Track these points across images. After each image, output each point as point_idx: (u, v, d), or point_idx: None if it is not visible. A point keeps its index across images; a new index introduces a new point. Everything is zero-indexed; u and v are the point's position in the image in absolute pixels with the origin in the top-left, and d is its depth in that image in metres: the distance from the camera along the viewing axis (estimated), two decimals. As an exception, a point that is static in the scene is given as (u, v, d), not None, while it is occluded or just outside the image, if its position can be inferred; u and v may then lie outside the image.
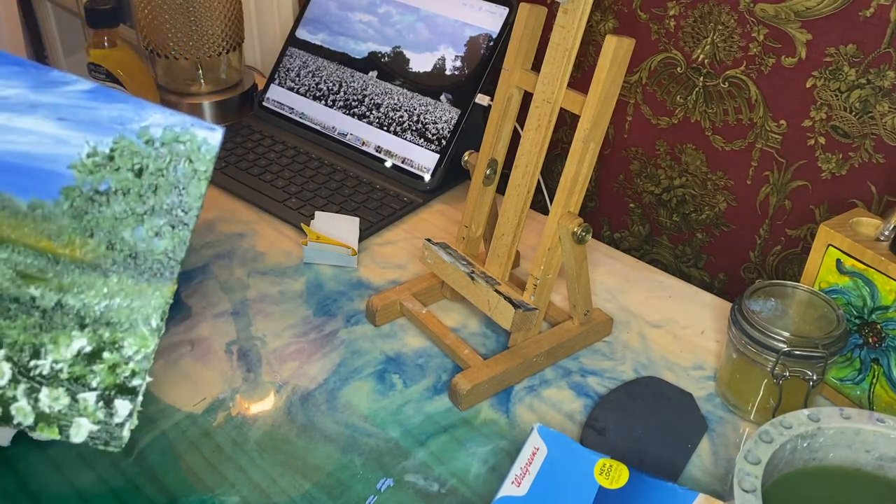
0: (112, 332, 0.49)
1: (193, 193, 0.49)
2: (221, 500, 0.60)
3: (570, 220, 0.67)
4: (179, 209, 0.49)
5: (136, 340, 0.49)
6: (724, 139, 0.87)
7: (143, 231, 0.49)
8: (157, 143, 0.49)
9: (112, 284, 0.49)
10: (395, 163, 0.98)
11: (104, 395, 0.49)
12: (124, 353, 0.49)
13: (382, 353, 0.74)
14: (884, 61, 0.74)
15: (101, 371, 0.49)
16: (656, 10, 0.87)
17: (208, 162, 0.50)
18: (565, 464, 0.57)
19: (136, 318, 0.49)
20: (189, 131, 0.49)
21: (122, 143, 0.49)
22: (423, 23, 0.99)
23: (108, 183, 0.49)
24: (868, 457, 0.50)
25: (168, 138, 0.49)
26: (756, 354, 0.65)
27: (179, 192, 0.49)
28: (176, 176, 0.49)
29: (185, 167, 0.49)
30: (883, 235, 0.66)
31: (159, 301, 0.50)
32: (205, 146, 0.49)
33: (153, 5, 1.03)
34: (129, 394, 0.49)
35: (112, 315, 0.49)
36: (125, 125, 0.49)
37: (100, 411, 0.49)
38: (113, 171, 0.49)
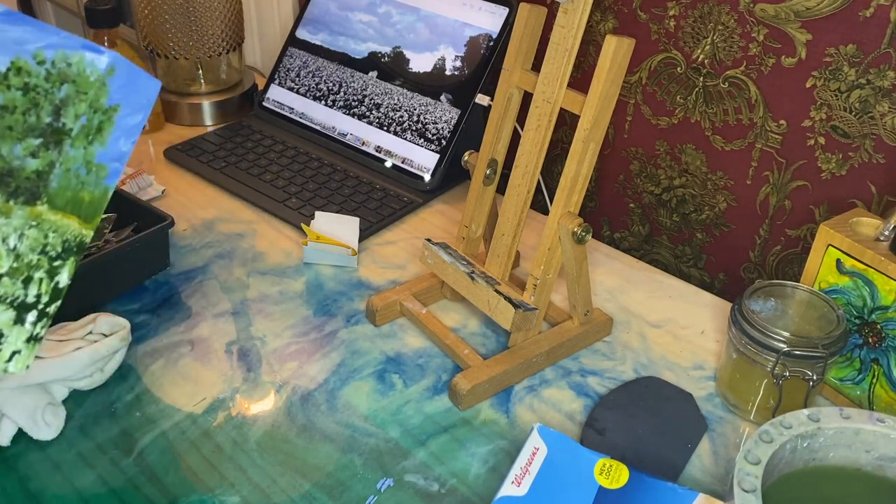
0: None
1: (71, 114, 0.50)
2: (221, 500, 0.60)
3: (570, 220, 0.67)
4: (56, 130, 0.50)
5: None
6: (724, 139, 0.87)
7: (20, 149, 0.49)
8: (47, 63, 0.50)
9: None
10: (395, 163, 0.98)
11: None
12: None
13: (382, 353, 0.74)
14: (884, 61, 0.74)
15: None
16: (656, 10, 0.87)
17: (91, 84, 0.50)
18: (565, 464, 0.57)
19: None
20: (78, 53, 0.50)
21: (17, 62, 0.50)
22: (423, 23, 0.99)
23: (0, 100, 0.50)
24: (868, 457, 0.50)
25: (58, 59, 0.50)
26: (756, 354, 0.65)
27: (58, 113, 0.50)
28: (58, 97, 0.50)
29: (67, 88, 0.50)
30: (883, 235, 0.66)
31: (20, 221, 0.49)
32: (90, 68, 0.50)
33: (153, 5, 1.03)
34: None
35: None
36: (24, 45, 0.50)
37: None
38: (5, 88, 0.50)
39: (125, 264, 0.78)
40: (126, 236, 0.80)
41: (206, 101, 1.11)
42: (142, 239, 0.78)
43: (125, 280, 0.80)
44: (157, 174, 0.99)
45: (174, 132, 1.10)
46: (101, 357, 0.67)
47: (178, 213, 0.90)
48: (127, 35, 1.31)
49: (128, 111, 0.51)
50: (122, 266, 0.78)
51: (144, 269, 0.82)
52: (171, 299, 0.79)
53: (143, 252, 0.80)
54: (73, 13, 1.67)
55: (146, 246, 0.80)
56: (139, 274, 0.81)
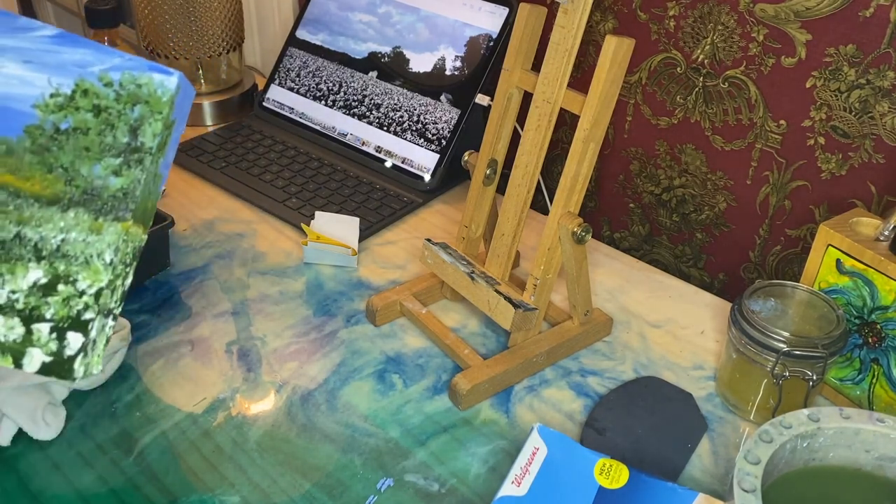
0: (67, 265, 0.51)
1: (149, 133, 0.51)
2: (221, 500, 0.60)
3: (570, 220, 0.67)
4: (135, 149, 0.51)
5: (90, 274, 0.51)
6: (723, 139, 0.87)
7: (100, 169, 0.51)
8: (115, 86, 0.51)
9: (69, 219, 0.51)
10: (395, 163, 0.98)
11: (57, 327, 0.51)
12: (78, 286, 0.51)
13: (382, 353, 0.74)
14: (884, 61, 0.74)
15: (55, 303, 0.51)
16: (656, 10, 0.87)
17: (164, 104, 0.51)
18: (565, 464, 0.57)
19: (90, 252, 0.51)
20: (146, 74, 0.52)
21: (82, 84, 0.51)
22: (423, 23, 0.99)
23: (69, 122, 0.51)
24: (868, 457, 0.50)
25: (126, 81, 0.51)
26: (756, 354, 0.65)
27: (135, 133, 0.51)
28: (132, 116, 0.51)
29: (141, 108, 0.51)
30: (883, 235, 0.66)
31: (114, 237, 0.51)
32: (161, 89, 0.52)
33: (153, 5, 1.03)
34: (82, 327, 0.51)
35: (68, 248, 0.51)
36: (86, 68, 0.51)
37: (52, 343, 0.50)
38: (73, 110, 0.51)
39: (125, 264, 0.78)
40: (126, 236, 0.80)
41: (206, 101, 1.11)
42: (142, 239, 0.78)
43: (125, 280, 0.80)
44: (157, 174, 0.99)
45: (174, 132, 1.10)
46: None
47: (178, 213, 0.90)
48: (127, 35, 1.31)
49: (180, 122, 0.54)
50: (122, 266, 0.78)
51: (144, 269, 0.82)
52: (172, 299, 0.79)
53: (144, 252, 0.79)
54: (73, 13, 1.67)
55: (146, 246, 0.79)
56: (139, 274, 0.81)
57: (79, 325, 0.50)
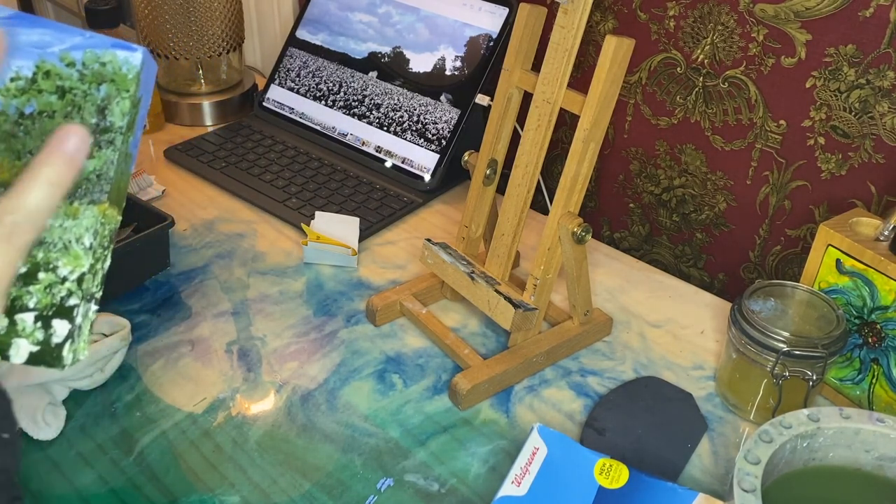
0: (46, 252, 0.49)
1: (117, 112, 0.50)
2: (221, 500, 0.60)
3: (570, 220, 0.67)
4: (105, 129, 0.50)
5: (70, 260, 0.50)
6: (723, 139, 0.87)
7: None
8: (78, 65, 0.50)
9: None
10: (395, 163, 0.98)
11: (42, 316, 0.49)
12: (59, 272, 0.50)
13: (382, 353, 0.74)
14: (883, 61, 0.74)
15: (37, 291, 0.49)
16: (656, 10, 0.87)
17: (130, 81, 0.50)
18: (565, 464, 0.57)
19: (68, 238, 0.50)
20: (109, 52, 0.50)
21: (43, 66, 0.50)
22: (423, 23, 0.99)
23: (33, 106, 0.50)
24: (868, 457, 0.50)
25: (89, 60, 0.50)
26: (756, 354, 0.65)
27: (103, 113, 0.50)
28: (99, 96, 0.50)
29: (107, 87, 0.50)
30: (883, 235, 0.66)
31: (91, 220, 0.50)
32: (126, 66, 0.50)
33: (153, 5, 1.03)
34: (67, 314, 0.50)
35: (45, 235, 0.49)
36: (46, 48, 0.50)
37: (38, 332, 0.49)
38: (36, 93, 0.50)
39: (125, 264, 0.78)
40: (126, 236, 0.80)
41: (206, 101, 1.11)
42: (142, 239, 0.78)
43: (125, 280, 0.80)
44: (158, 174, 0.99)
45: (174, 132, 1.10)
46: (102, 357, 0.67)
47: (178, 213, 0.90)
48: (127, 35, 1.31)
49: (146, 99, 0.53)
50: (122, 266, 0.78)
51: (145, 269, 0.82)
52: (172, 299, 0.79)
53: (144, 252, 0.80)
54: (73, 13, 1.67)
55: (146, 246, 0.80)
56: (139, 274, 0.81)
57: (64, 311, 0.50)
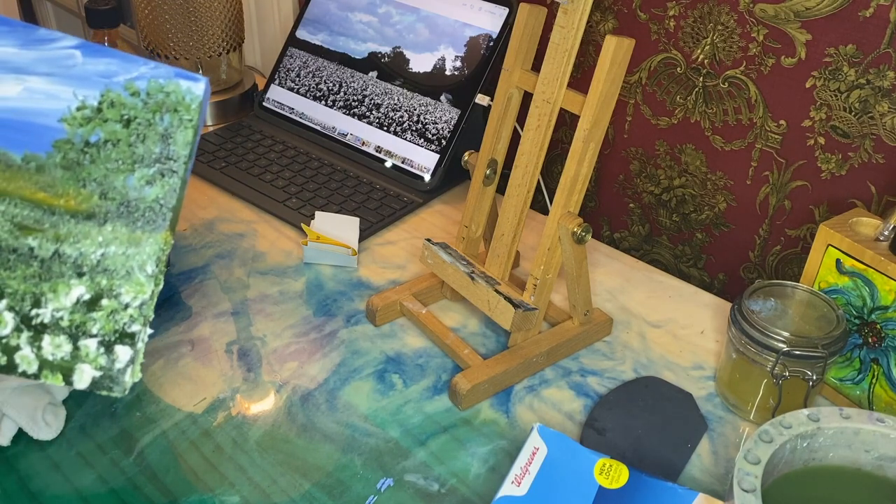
0: (109, 279, 0.50)
1: (181, 142, 0.51)
2: (221, 500, 0.60)
3: (570, 220, 0.67)
4: (168, 158, 0.51)
5: (133, 287, 0.51)
6: (723, 139, 0.87)
7: (135, 180, 0.51)
8: (142, 95, 0.51)
9: (107, 233, 0.51)
10: (395, 163, 0.98)
11: (105, 342, 0.51)
12: (122, 299, 0.51)
13: (382, 353, 0.74)
14: (883, 61, 0.74)
15: (100, 318, 0.50)
16: (656, 10, 0.87)
17: (193, 111, 0.51)
18: (565, 464, 0.58)
19: (131, 265, 0.51)
20: (173, 82, 0.51)
21: (109, 95, 0.51)
22: (423, 23, 0.99)
23: (98, 134, 0.51)
24: (868, 457, 0.50)
25: (153, 89, 0.51)
26: (756, 354, 0.65)
27: (166, 142, 0.51)
28: (163, 125, 0.51)
29: (170, 117, 0.51)
30: (882, 235, 0.66)
31: (153, 248, 0.51)
32: (189, 95, 0.51)
33: (153, 5, 1.03)
34: (129, 339, 0.51)
35: (108, 263, 0.51)
36: (111, 78, 0.51)
37: (101, 357, 0.51)
38: (101, 122, 0.51)
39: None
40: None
41: (206, 101, 1.11)
42: (142, 239, 0.78)
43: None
44: (157, 174, 0.99)
45: (174, 132, 1.10)
46: (102, 357, 0.67)
47: (178, 213, 0.90)
48: (127, 35, 1.31)
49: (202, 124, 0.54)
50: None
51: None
52: (171, 299, 0.79)
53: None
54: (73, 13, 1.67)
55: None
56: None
57: (126, 337, 0.51)
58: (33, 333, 0.50)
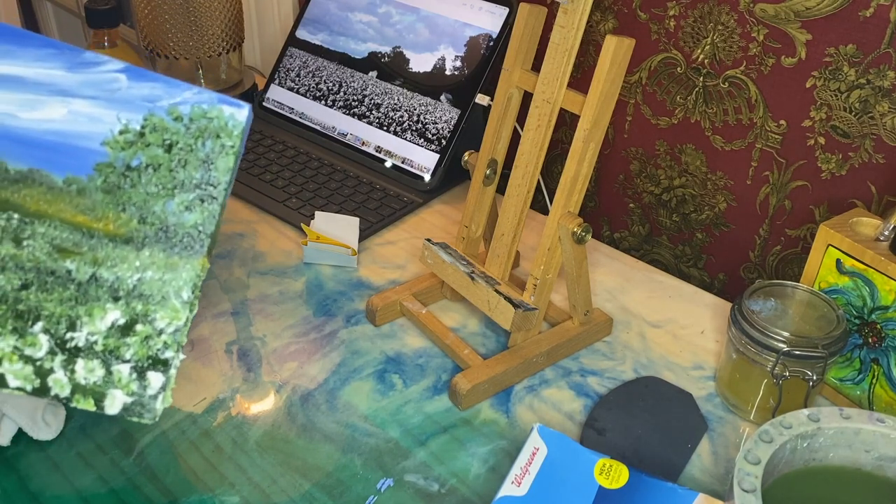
0: (144, 304, 0.50)
1: (221, 168, 0.51)
2: (221, 500, 0.60)
3: (570, 220, 0.67)
4: (208, 184, 0.51)
5: (168, 313, 0.51)
6: (723, 139, 0.87)
7: (174, 205, 0.51)
8: (185, 120, 0.51)
9: (144, 258, 0.50)
10: (395, 163, 0.98)
11: (137, 367, 0.50)
12: (156, 325, 0.50)
13: (382, 353, 0.74)
14: (884, 61, 0.74)
15: (134, 343, 0.50)
16: (656, 10, 0.87)
17: (235, 137, 0.51)
18: (565, 464, 0.58)
19: (167, 290, 0.51)
20: (216, 108, 0.51)
21: (152, 119, 0.51)
22: (423, 23, 0.99)
23: (140, 159, 0.51)
24: (868, 457, 0.50)
25: (196, 115, 0.51)
26: (756, 354, 0.65)
27: (207, 167, 0.51)
28: (204, 151, 0.51)
29: (212, 143, 0.51)
30: (883, 235, 0.66)
31: (190, 274, 0.51)
32: (232, 121, 0.51)
33: (153, 5, 1.03)
34: (162, 366, 0.51)
35: (144, 288, 0.50)
36: (155, 103, 0.51)
37: (133, 383, 0.50)
38: (144, 147, 0.51)
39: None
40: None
41: (206, 101, 1.11)
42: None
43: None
44: (157, 174, 0.99)
45: (174, 132, 1.10)
46: (102, 357, 0.67)
47: (178, 213, 0.90)
48: (127, 35, 1.31)
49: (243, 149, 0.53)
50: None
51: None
52: (171, 299, 0.79)
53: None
54: (73, 13, 1.67)
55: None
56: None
57: (158, 363, 0.50)
58: (67, 357, 0.50)
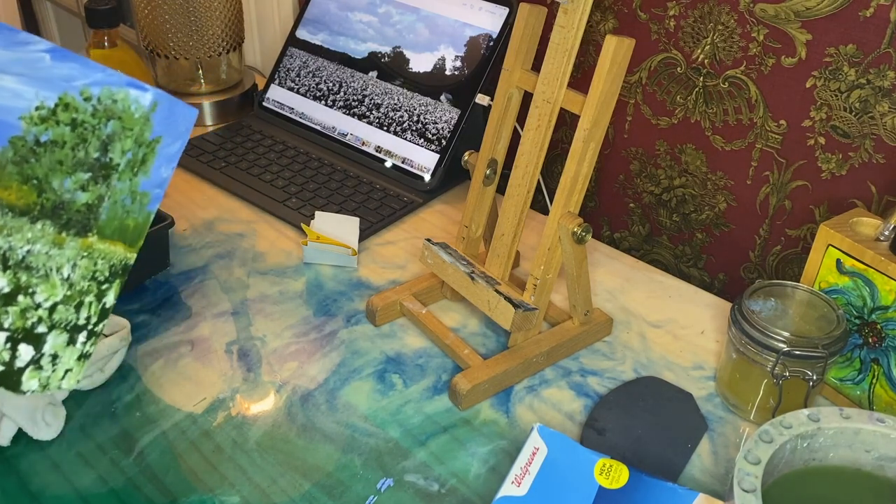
0: (28, 276, 0.51)
1: (117, 150, 0.52)
2: (221, 500, 0.60)
3: (570, 220, 0.67)
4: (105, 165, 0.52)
5: (47, 288, 0.51)
6: (724, 139, 0.87)
7: (70, 183, 0.52)
8: (94, 100, 0.52)
9: (36, 231, 0.51)
10: (395, 163, 0.98)
11: (12, 338, 0.51)
12: (35, 298, 0.51)
13: (382, 353, 0.74)
14: (884, 61, 0.74)
15: (13, 313, 0.51)
16: (656, 10, 0.87)
17: (136, 120, 0.52)
18: (565, 464, 0.57)
19: (50, 265, 0.52)
20: (123, 90, 0.52)
21: (65, 98, 0.52)
22: (423, 23, 0.99)
23: (49, 135, 0.52)
24: (868, 457, 0.50)
25: (104, 95, 0.52)
26: (756, 354, 0.65)
27: (105, 148, 0.52)
28: (105, 132, 0.52)
29: (114, 124, 0.52)
30: (883, 235, 0.66)
31: (72, 252, 0.52)
32: (135, 104, 0.52)
33: (153, 5, 1.03)
34: (34, 340, 0.51)
35: (31, 260, 0.51)
36: (71, 82, 0.52)
37: (5, 352, 0.51)
38: (54, 124, 0.52)
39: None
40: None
41: (206, 101, 1.11)
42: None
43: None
44: (157, 174, 0.99)
45: (174, 132, 1.10)
46: (101, 357, 0.67)
47: (178, 213, 0.90)
48: (127, 35, 1.31)
49: (168, 140, 0.54)
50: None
51: (144, 268, 0.81)
52: (171, 299, 0.79)
53: (143, 252, 0.80)
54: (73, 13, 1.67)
55: (146, 246, 0.79)
56: (139, 274, 0.81)
57: (31, 337, 0.51)
58: None
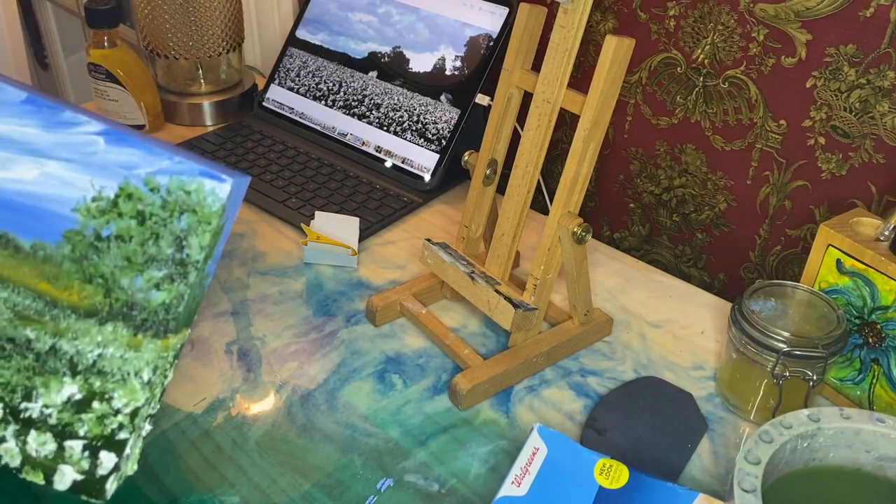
0: (103, 382, 0.48)
1: (195, 245, 0.48)
2: (221, 500, 0.60)
3: (570, 220, 0.67)
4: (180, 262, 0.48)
5: (126, 393, 0.48)
6: (724, 139, 0.87)
7: (142, 281, 0.48)
8: (162, 191, 0.48)
9: (107, 333, 0.48)
10: (395, 163, 0.98)
11: (90, 446, 0.48)
12: (113, 404, 0.48)
13: (382, 353, 0.74)
14: (884, 61, 0.74)
15: (88, 420, 0.48)
16: (656, 10, 0.87)
17: (214, 214, 0.47)
18: (565, 464, 0.57)
19: (127, 369, 0.48)
20: (196, 180, 0.48)
21: (127, 188, 0.48)
22: (423, 23, 0.99)
23: (111, 229, 0.48)
24: (868, 457, 0.50)
25: (174, 186, 0.48)
26: (756, 354, 0.65)
27: (180, 244, 0.48)
28: (179, 226, 0.48)
29: (189, 218, 0.48)
30: (883, 235, 0.66)
31: (152, 355, 0.48)
32: (211, 196, 0.48)
33: (153, 5, 1.03)
34: (116, 447, 0.48)
35: (104, 364, 0.48)
36: (132, 170, 0.48)
37: (84, 461, 0.48)
38: (116, 216, 0.48)
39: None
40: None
41: (206, 101, 1.11)
42: (142, 239, 0.78)
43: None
44: (157, 174, 0.99)
45: (174, 132, 1.10)
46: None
47: (178, 213, 0.90)
48: (127, 35, 1.31)
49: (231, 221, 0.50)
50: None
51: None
52: (171, 299, 0.79)
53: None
54: (73, 13, 1.67)
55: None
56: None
57: (112, 444, 0.48)
58: (20, 427, 0.48)
